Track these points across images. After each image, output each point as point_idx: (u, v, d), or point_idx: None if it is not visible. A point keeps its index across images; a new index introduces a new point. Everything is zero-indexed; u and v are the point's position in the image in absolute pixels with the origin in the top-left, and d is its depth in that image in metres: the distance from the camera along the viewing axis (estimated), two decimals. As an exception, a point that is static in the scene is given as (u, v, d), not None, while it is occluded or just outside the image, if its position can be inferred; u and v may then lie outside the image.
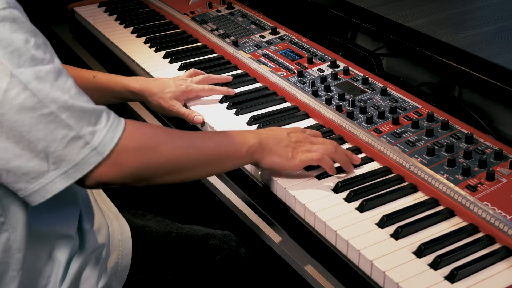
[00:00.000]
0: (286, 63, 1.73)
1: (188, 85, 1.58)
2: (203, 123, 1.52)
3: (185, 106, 1.59)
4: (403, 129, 1.40)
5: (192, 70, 1.67)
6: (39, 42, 1.01)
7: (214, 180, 1.48)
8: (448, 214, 1.19)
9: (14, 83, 0.95)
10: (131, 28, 2.07)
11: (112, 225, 1.29)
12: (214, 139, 1.21)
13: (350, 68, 1.66)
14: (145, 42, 1.97)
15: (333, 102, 1.52)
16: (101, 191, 1.41)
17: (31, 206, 1.09)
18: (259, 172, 1.33)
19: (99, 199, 1.37)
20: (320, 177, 1.29)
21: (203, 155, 1.16)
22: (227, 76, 1.69)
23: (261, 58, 1.77)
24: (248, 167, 1.37)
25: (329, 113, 1.47)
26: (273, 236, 1.31)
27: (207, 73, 1.69)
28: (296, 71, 1.67)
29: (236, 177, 1.43)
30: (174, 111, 1.54)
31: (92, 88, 1.52)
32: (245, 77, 1.73)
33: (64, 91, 0.99)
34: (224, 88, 1.62)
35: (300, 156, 1.25)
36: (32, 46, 0.98)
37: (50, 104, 0.97)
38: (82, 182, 1.03)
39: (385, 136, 1.38)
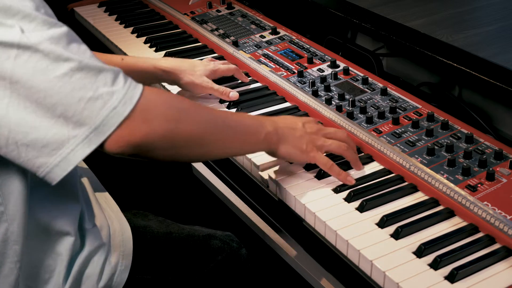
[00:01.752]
0: (286, 63, 1.73)
1: (215, 65, 1.62)
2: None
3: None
4: (403, 129, 1.40)
5: (209, 57, 1.72)
6: (49, 12, 1.00)
7: (215, 181, 1.48)
8: (448, 214, 1.19)
9: (24, 47, 0.94)
10: (131, 28, 2.07)
11: (113, 225, 1.29)
12: (235, 116, 1.22)
13: (350, 68, 1.66)
14: (145, 42, 1.97)
15: (333, 102, 1.52)
16: (104, 189, 1.41)
17: (31, 198, 1.09)
18: (255, 165, 1.33)
19: (101, 198, 1.37)
20: (320, 177, 1.29)
21: (226, 128, 1.15)
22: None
23: (261, 58, 1.77)
24: (249, 168, 1.37)
25: (329, 113, 1.48)
26: (275, 237, 1.31)
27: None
28: (296, 71, 1.67)
29: (236, 176, 1.43)
30: (208, 86, 1.57)
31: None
32: (245, 77, 1.73)
33: (78, 53, 0.97)
34: (243, 75, 1.68)
35: (314, 154, 1.25)
36: (43, 13, 0.97)
37: (63, 65, 0.95)
38: (107, 149, 1.00)
39: (385, 136, 1.38)
